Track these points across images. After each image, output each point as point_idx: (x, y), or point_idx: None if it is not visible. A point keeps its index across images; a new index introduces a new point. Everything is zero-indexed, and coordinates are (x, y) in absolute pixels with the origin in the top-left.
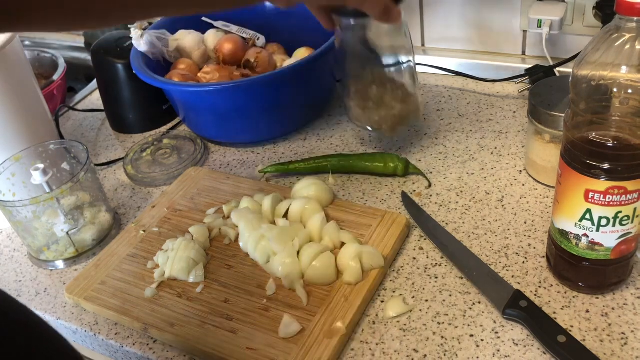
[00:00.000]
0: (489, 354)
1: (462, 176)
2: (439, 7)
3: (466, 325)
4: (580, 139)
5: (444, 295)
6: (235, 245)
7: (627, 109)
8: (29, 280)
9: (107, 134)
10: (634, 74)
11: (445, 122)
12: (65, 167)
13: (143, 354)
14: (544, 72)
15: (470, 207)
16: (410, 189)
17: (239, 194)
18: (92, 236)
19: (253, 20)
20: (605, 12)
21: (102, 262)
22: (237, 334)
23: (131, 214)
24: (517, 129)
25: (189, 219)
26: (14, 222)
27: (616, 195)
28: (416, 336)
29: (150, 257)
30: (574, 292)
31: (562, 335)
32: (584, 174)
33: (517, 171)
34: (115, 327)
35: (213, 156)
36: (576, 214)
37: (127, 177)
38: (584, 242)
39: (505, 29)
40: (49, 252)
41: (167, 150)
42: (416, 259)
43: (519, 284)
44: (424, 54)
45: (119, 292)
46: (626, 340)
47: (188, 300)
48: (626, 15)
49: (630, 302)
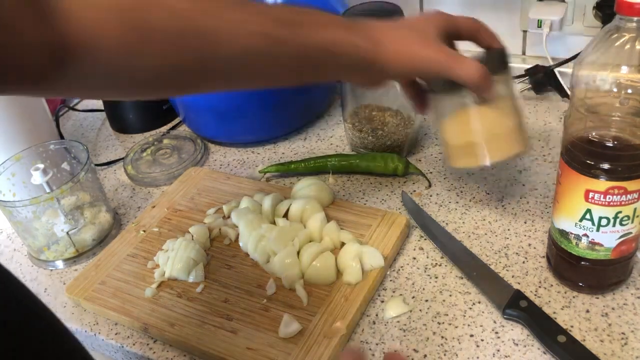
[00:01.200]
0: (489, 354)
1: (462, 176)
2: (439, 7)
3: (466, 325)
4: (580, 139)
5: (444, 295)
6: (235, 245)
7: (627, 109)
8: (29, 280)
9: (107, 134)
10: (634, 74)
11: None
12: (65, 167)
13: (143, 354)
14: (544, 72)
15: (471, 207)
16: (410, 189)
17: (239, 194)
18: (92, 236)
19: None
20: (606, 12)
21: (102, 262)
22: (237, 334)
23: (131, 214)
24: None
25: (189, 219)
26: (14, 222)
27: (616, 195)
28: (416, 336)
29: (150, 257)
30: (574, 292)
31: (562, 335)
32: (584, 173)
33: (517, 171)
34: (115, 327)
35: (213, 156)
36: (576, 214)
37: (127, 177)
38: (584, 242)
39: (505, 29)
40: (49, 252)
41: (167, 150)
42: (416, 259)
43: (519, 284)
44: None
45: (119, 292)
46: (626, 340)
47: (188, 300)
48: (626, 15)
49: (630, 302)
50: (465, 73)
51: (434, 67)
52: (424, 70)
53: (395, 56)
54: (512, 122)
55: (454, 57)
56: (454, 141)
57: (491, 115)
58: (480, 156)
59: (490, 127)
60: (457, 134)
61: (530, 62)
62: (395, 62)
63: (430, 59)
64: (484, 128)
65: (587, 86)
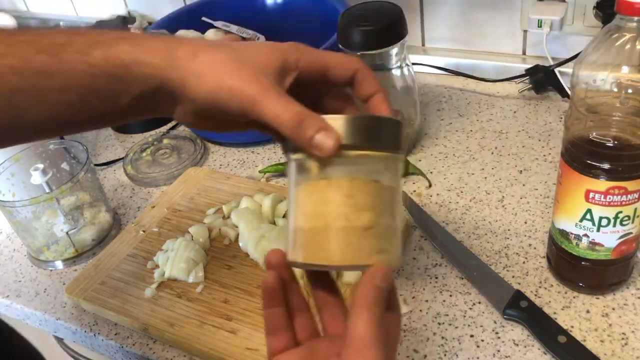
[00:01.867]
0: (489, 354)
1: (462, 176)
2: (439, 7)
3: (466, 326)
4: (581, 139)
5: (444, 296)
6: (235, 245)
7: (627, 109)
8: (29, 280)
9: (107, 133)
10: (635, 74)
11: (445, 122)
12: (64, 167)
13: (143, 354)
14: (544, 72)
15: (471, 207)
16: (411, 189)
17: (239, 194)
18: (91, 236)
19: (253, 20)
20: (606, 11)
21: (101, 262)
22: (237, 334)
23: (131, 214)
24: (517, 129)
25: (189, 219)
26: (14, 222)
27: (617, 195)
28: (416, 336)
29: (150, 257)
30: (574, 292)
31: (562, 335)
32: (585, 174)
33: (518, 171)
34: (115, 327)
35: (213, 156)
36: (576, 214)
37: (127, 177)
38: (585, 242)
39: (506, 29)
40: (48, 252)
41: (167, 150)
42: (416, 259)
43: (519, 284)
44: (424, 53)
45: (118, 292)
46: (626, 340)
47: (188, 301)
48: (626, 15)
49: (630, 302)
50: (272, 110)
51: (236, 100)
52: (224, 104)
53: (195, 81)
54: (371, 219)
55: (268, 92)
56: (290, 223)
57: (335, 200)
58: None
59: (327, 213)
60: (292, 214)
61: (530, 62)
62: (194, 89)
63: (235, 90)
64: (316, 213)
65: (587, 86)
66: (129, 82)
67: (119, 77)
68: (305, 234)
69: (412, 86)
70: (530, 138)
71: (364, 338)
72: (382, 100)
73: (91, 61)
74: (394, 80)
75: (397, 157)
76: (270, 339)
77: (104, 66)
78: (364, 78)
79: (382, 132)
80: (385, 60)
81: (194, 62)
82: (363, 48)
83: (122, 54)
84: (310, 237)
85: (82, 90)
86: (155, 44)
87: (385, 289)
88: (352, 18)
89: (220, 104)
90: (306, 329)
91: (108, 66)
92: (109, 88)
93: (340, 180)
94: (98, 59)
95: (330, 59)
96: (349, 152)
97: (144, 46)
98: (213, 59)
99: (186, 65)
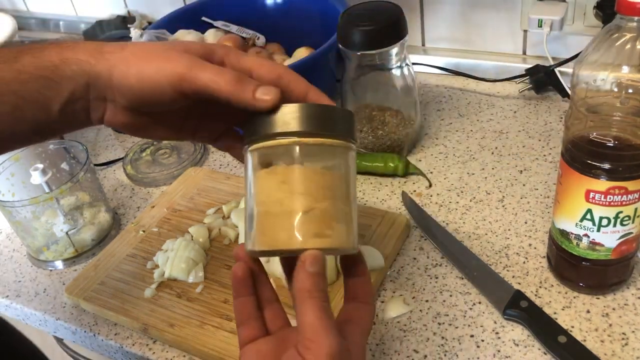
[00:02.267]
0: (490, 355)
1: (462, 176)
2: (439, 7)
3: (466, 326)
4: (581, 139)
5: (444, 296)
6: (235, 245)
7: (627, 109)
8: (29, 280)
9: (107, 133)
10: (635, 74)
11: (445, 122)
12: (64, 167)
13: (142, 354)
14: (544, 72)
15: (471, 207)
16: (411, 189)
17: (238, 194)
18: (91, 236)
19: (253, 20)
20: (606, 11)
21: (101, 263)
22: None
23: (131, 214)
24: (517, 129)
25: (189, 219)
26: (14, 222)
27: (617, 195)
28: (416, 337)
29: (150, 257)
30: (574, 293)
31: (562, 335)
32: (585, 174)
33: (518, 171)
34: (115, 328)
35: (213, 156)
36: (577, 214)
37: (127, 177)
38: (585, 242)
39: (506, 28)
40: (48, 252)
41: (167, 150)
42: (416, 259)
43: (520, 284)
44: (424, 53)
45: (118, 292)
46: (627, 340)
47: (188, 301)
48: (627, 15)
49: (630, 302)
50: (206, 76)
51: (166, 75)
52: (155, 86)
53: (123, 68)
54: (304, 204)
55: (197, 62)
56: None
57: (271, 186)
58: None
59: (267, 199)
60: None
61: (530, 62)
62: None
63: (163, 66)
64: (259, 201)
65: (587, 86)
66: (59, 82)
67: (48, 79)
68: (253, 222)
69: (412, 86)
70: (531, 138)
71: (312, 325)
72: (319, 95)
73: (20, 68)
74: (394, 80)
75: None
76: (241, 329)
77: (33, 70)
78: (291, 80)
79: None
80: (385, 60)
81: (122, 52)
82: (363, 48)
83: (51, 56)
84: (256, 225)
85: (14, 99)
86: (84, 44)
87: (321, 273)
88: (352, 18)
89: (150, 87)
90: (276, 320)
91: (37, 69)
92: (39, 93)
93: (277, 168)
94: (27, 65)
95: (255, 61)
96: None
97: (72, 47)
98: (140, 47)
99: (113, 57)
